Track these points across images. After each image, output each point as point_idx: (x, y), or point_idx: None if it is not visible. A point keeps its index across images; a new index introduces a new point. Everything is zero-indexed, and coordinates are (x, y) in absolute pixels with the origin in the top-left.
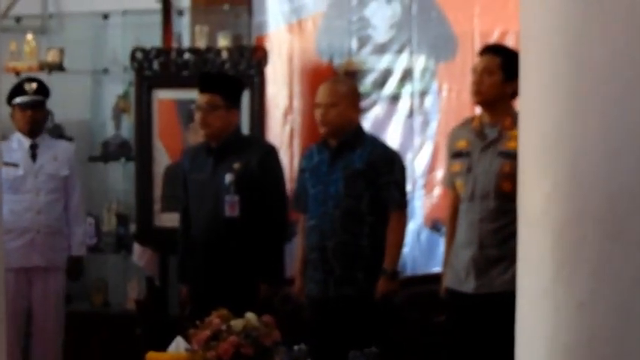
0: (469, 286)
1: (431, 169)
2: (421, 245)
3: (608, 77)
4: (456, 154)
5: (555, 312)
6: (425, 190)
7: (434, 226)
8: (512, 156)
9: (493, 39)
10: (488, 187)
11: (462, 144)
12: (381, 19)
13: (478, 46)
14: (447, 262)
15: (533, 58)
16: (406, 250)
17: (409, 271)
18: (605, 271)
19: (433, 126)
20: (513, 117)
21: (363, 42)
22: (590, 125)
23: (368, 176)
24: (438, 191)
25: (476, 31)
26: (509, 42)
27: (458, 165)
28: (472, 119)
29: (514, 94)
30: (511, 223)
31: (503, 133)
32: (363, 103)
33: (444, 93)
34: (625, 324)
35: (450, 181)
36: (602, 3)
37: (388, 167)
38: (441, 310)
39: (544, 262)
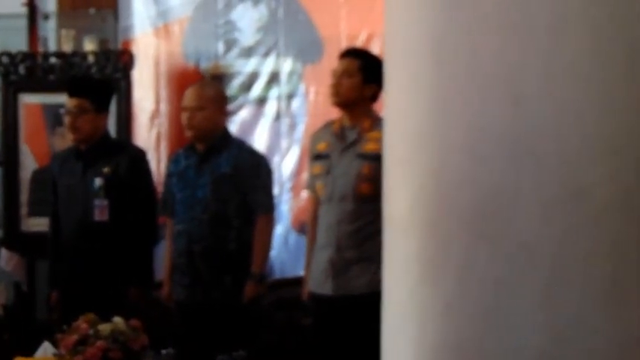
0: (328, 288)
1: (298, 172)
2: (289, 248)
3: (472, 78)
4: (316, 157)
5: (422, 313)
6: (292, 194)
7: (301, 229)
8: (371, 158)
9: (359, 42)
10: (346, 189)
11: (322, 146)
12: (247, 22)
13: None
14: (308, 264)
15: (398, 60)
16: (274, 253)
17: (277, 275)
18: (470, 272)
19: (300, 129)
20: (373, 119)
21: (229, 45)
22: (455, 126)
23: (235, 180)
24: (305, 194)
25: (342, 34)
26: (376, 45)
27: (318, 167)
28: (333, 122)
29: (374, 96)
30: (369, 224)
31: (363, 135)
32: (230, 107)
33: (311, 96)
34: (490, 325)
35: (311, 184)
36: (465, 5)
37: (255, 171)
38: (307, 312)
39: (410, 263)
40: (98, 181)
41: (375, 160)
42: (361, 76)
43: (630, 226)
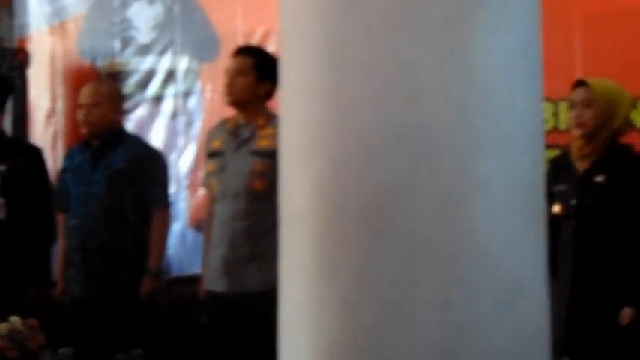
0: (222, 285)
1: (195, 169)
2: (186, 246)
3: (368, 75)
4: (211, 154)
5: (319, 310)
6: (189, 191)
7: (198, 226)
8: (264, 155)
9: (256, 39)
10: (239, 186)
11: (216, 144)
12: (143, 20)
13: None
14: (205, 262)
15: (293, 57)
16: (171, 250)
17: (175, 272)
18: (368, 269)
19: (197, 126)
20: (267, 117)
21: (125, 43)
22: (351, 123)
23: (130, 176)
24: (202, 192)
25: (238, 31)
26: (272, 42)
27: (213, 165)
28: (227, 120)
29: (268, 94)
30: (263, 221)
31: (256, 132)
32: (127, 104)
33: (208, 93)
34: (388, 322)
35: (206, 182)
36: (360, 2)
37: (150, 166)
38: (204, 310)
39: (307, 260)
40: None
41: (269, 157)
42: (255, 74)
43: (528, 220)
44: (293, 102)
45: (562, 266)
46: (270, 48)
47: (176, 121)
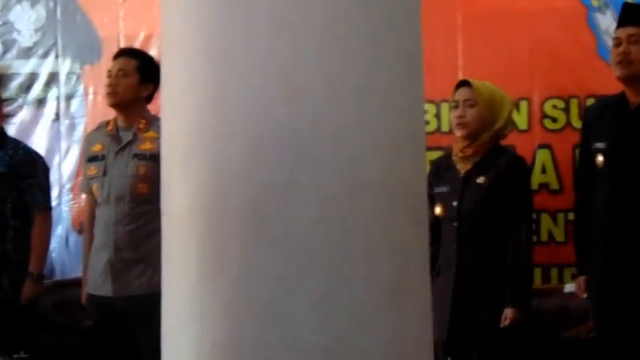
0: (107, 289)
1: (78, 173)
2: (69, 249)
3: (249, 77)
4: (91, 158)
5: (202, 312)
6: (72, 194)
7: (81, 230)
8: (147, 157)
9: (138, 42)
10: (123, 190)
11: (97, 147)
12: (25, 23)
13: None
14: (86, 266)
15: (175, 59)
16: (54, 254)
17: (58, 276)
18: (250, 271)
19: (80, 130)
20: (148, 119)
21: (7, 46)
22: (232, 125)
23: (11, 179)
24: (85, 195)
25: (121, 34)
26: (154, 44)
27: (94, 169)
28: (107, 123)
29: (149, 97)
30: (147, 224)
31: (138, 135)
32: (9, 108)
33: (90, 96)
34: (271, 323)
35: (86, 186)
36: (241, 4)
37: (31, 170)
38: (88, 313)
39: (189, 262)
40: None
41: (151, 159)
42: (138, 75)
43: (410, 224)
44: (174, 104)
45: (444, 267)
46: (153, 51)
47: (59, 124)
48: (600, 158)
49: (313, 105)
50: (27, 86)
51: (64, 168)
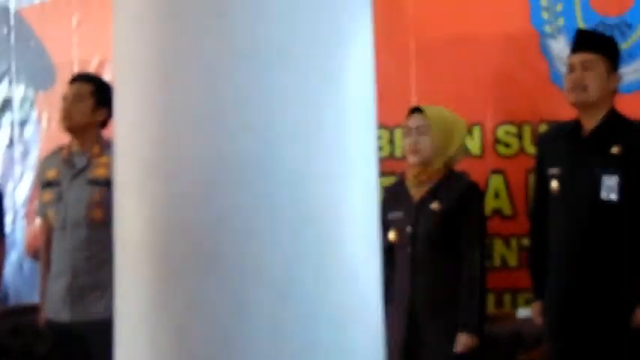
0: (65, 315)
1: (32, 198)
2: (23, 275)
3: (204, 102)
4: (46, 184)
5: (154, 338)
6: (26, 220)
7: (36, 255)
8: (101, 183)
9: (92, 67)
10: (79, 216)
11: (52, 173)
12: None
13: None
14: (44, 292)
15: (127, 84)
16: (9, 279)
17: (12, 301)
18: (203, 297)
19: (34, 155)
20: (102, 145)
21: None
22: (186, 150)
23: None
24: (39, 221)
25: (75, 59)
26: (109, 69)
27: (49, 195)
28: (62, 148)
29: (104, 122)
30: (103, 250)
31: (92, 160)
32: None
33: (44, 122)
34: (222, 349)
35: (42, 211)
36: (196, 30)
37: None
38: (44, 339)
39: (141, 288)
40: None
41: (106, 185)
42: (93, 100)
43: (363, 249)
44: (127, 130)
45: (398, 293)
46: (107, 76)
47: (12, 149)
48: (555, 184)
49: (268, 132)
50: None
51: (18, 194)
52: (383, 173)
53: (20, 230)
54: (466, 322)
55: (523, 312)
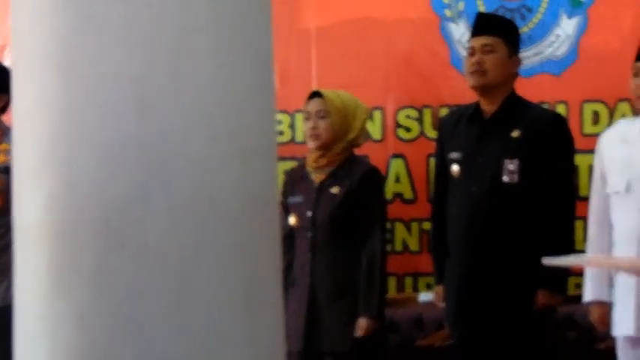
0: None
1: None
2: None
3: (99, 89)
4: None
5: (54, 324)
6: None
7: None
8: (0, 170)
9: None
10: None
11: None
12: None
13: None
14: None
15: (25, 70)
16: None
17: None
18: (103, 281)
19: None
20: (3, 131)
21: None
22: (83, 136)
23: None
24: None
25: None
26: (8, 56)
27: None
28: None
29: (3, 108)
30: (2, 237)
31: None
32: None
33: None
34: (125, 334)
35: None
36: (95, 16)
37: None
38: None
39: (41, 274)
40: None
41: (6, 172)
42: None
43: (261, 232)
44: (25, 115)
45: (299, 277)
46: (7, 62)
47: None
48: (456, 168)
49: (164, 117)
50: None
51: None
52: (284, 158)
53: None
54: (366, 307)
55: (424, 296)
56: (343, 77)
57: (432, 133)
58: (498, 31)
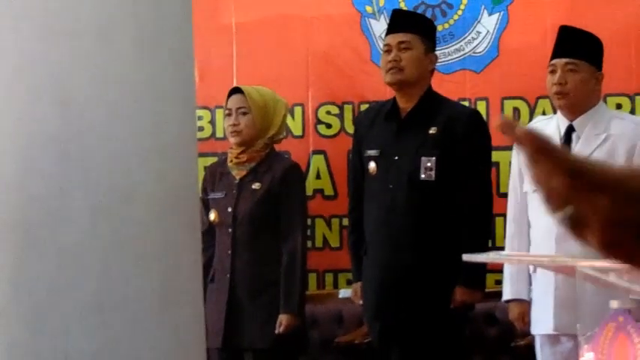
0: None
1: None
2: None
3: (20, 82)
4: None
5: None
6: None
7: None
8: None
9: None
10: None
11: None
12: None
13: None
14: None
15: None
16: None
17: None
18: (22, 279)
19: None
20: None
21: None
22: (3, 132)
23: None
24: None
25: None
26: None
27: None
28: None
29: None
30: None
31: None
32: None
33: None
34: (43, 329)
35: None
36: (13, 9)
37: None
38: None
39: None
40: None
41: None
42: None
43: (181, 227)
44: None
45: (219, 273)
46: None
47: None
48: (373, 165)
49: (83, 111)
50: None
51: None
52: (205, 154)
53: None
54: (287, 303)
55: (345, 292)
56: (264, 73)
57: (352, 130)
58: (415, 27)
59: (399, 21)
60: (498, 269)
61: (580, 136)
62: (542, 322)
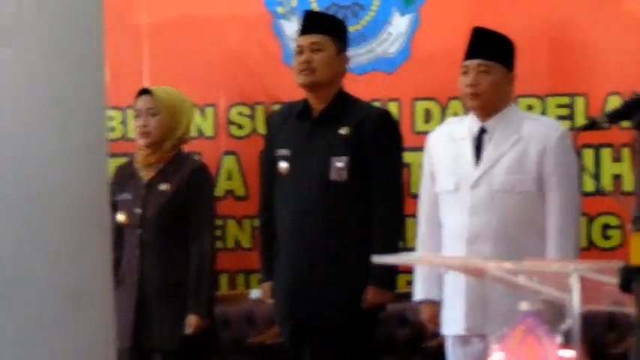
0: None
1: None
2: None
3: None
4: None
5: None
6: None
7: None
8: None
9: None
10: None
11: None
12: None
13: None
14: None
15: None
16: None
17: None
18: None
19: None
20: None
21: None
22: None
23: None
24: None
25: None
26: None
27: None
28: None
29: None
30: None
31: None
32: None
33: None
34: None
35: None
36: None
37: None
38: None
39: None
40: None
41: None
42: None
43: (91, 229)
44: None
45: (128, 274)
46: None
47: None
48: (284, 165)
49: None
50: None
51: None
52: (116, 154)
53: None
54: (195, 305)
55: (256, 293)
56: (175, 74)
57: (264, 130)
58: (326, 29)
59: (311, 22)
60: (410, 270)
61: (492, 137)
62: (453, 323)
